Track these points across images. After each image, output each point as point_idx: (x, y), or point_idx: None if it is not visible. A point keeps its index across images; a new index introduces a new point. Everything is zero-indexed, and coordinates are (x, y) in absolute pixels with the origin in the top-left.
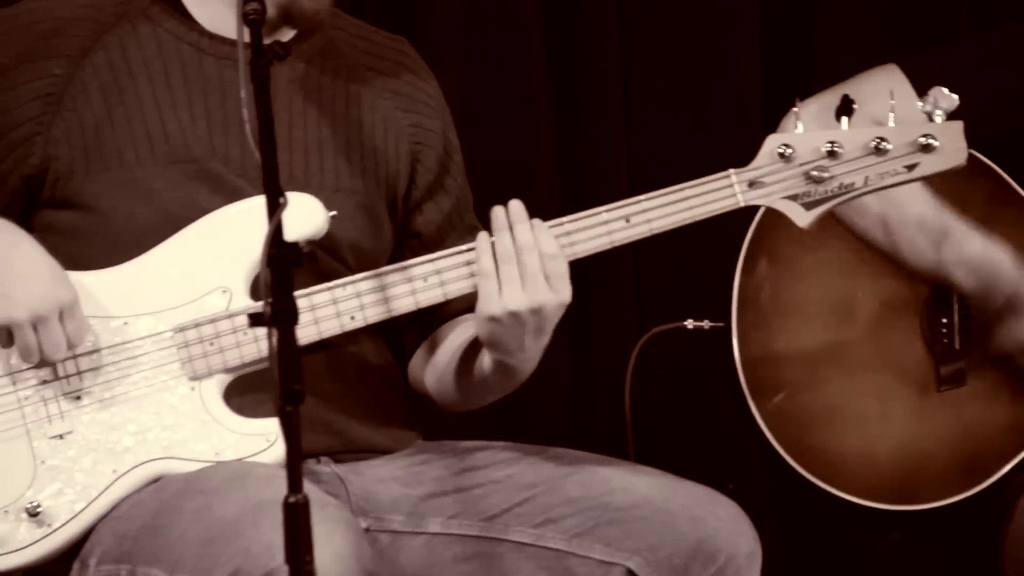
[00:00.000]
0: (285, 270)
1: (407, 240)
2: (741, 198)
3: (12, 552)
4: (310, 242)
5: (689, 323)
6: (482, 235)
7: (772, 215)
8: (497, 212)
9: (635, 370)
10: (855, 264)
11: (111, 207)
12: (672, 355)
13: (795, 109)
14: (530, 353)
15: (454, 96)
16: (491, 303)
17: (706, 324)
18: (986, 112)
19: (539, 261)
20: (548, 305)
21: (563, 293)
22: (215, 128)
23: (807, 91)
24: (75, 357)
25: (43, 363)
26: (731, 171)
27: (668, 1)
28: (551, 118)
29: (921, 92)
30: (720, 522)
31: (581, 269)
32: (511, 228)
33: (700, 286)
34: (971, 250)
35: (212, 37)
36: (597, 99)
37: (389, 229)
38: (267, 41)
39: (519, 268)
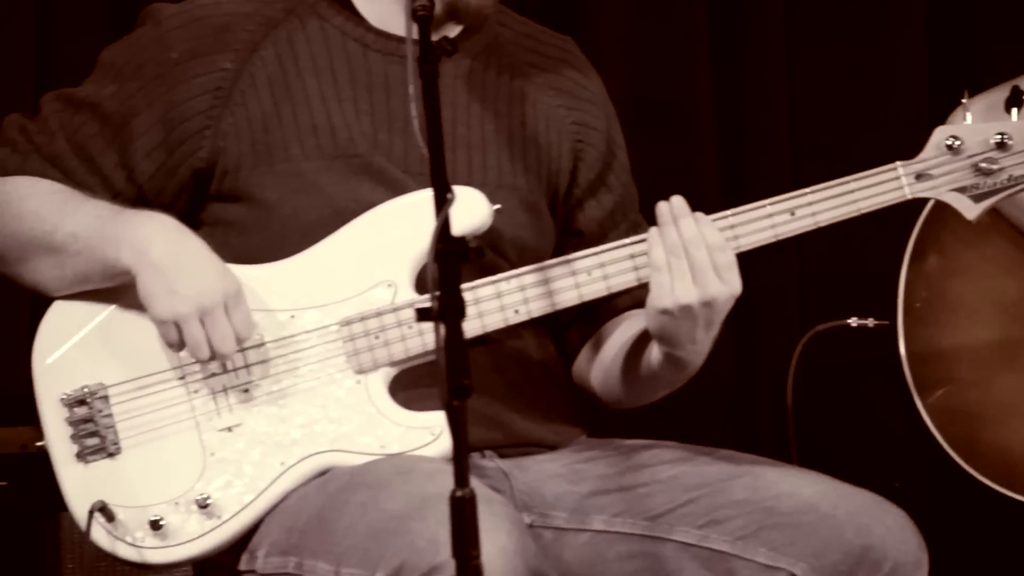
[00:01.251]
0: (453, 265)
1: (569, 238)
2: (908, 190)
3: (183, 543)
4: (477, 237)
5: (853, 321)
6: (652, 230)
7: (938, 211)
8: (661, 207)
9: (798, 368)
10: (1021, 262)
11: (277, 201)
12: (836, 353)
13: (963, 102)
14: (700, 345)
15: (618, 95)
16: (663, 296)
17: (870, 322)
18: None
19: (707, 254)
20: (719, 297)
21: (734, 284)
22: (379, 123)
23: (975, 85)
24: (243, 351)
25: (213, 357)
26: (898, 163)
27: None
28: (714, 114)
29: None
30: (887, 530)
31: (744, 264)
32: (675, 222)
33: (864, 283)
34: None
35: (378, 33)
36: (761, 94)
37: (551, 226)
38: (434, 38)
39: (688, 261)
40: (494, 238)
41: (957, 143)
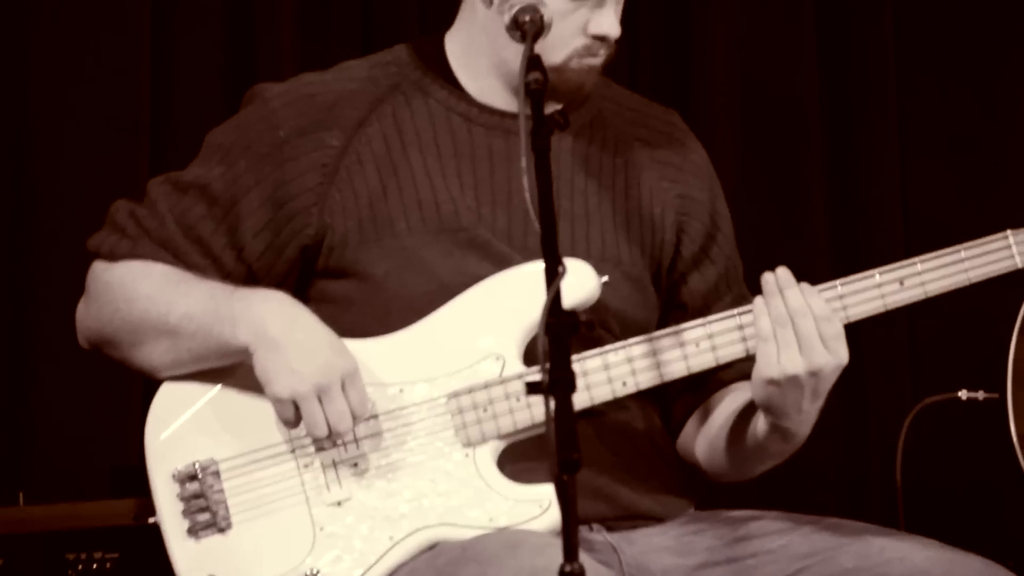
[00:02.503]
0: (563, 338)
1: (673, 311)
2: (1019, 260)
3: None
4: (587, 311)
5: (963, 394)
6: (758, 299)
7: None
8: (767, 278)
9: (907, 440)
10: None
11: (384, 275)
12: (946, 425)
13: None
14: (806, 415)
15: (730, 161)
16: (770, 367)
17: (980, 395)
18: None
19: (814, 324)
20: (826, 367)
21: (840, 354)
22: (483, 197)
23: None
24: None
25: (331, 435)
26: (1008, 231)
27: (947, 59)
28: (825, 183)
29: None
30: None
31: (854, 335)
32: (781, 292)
33: (976, 353)
34: None
35: (482, 108)
36: (873, 161)
37: (654, 299)
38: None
39: (795, 331)
40: (599, 310)
41: None
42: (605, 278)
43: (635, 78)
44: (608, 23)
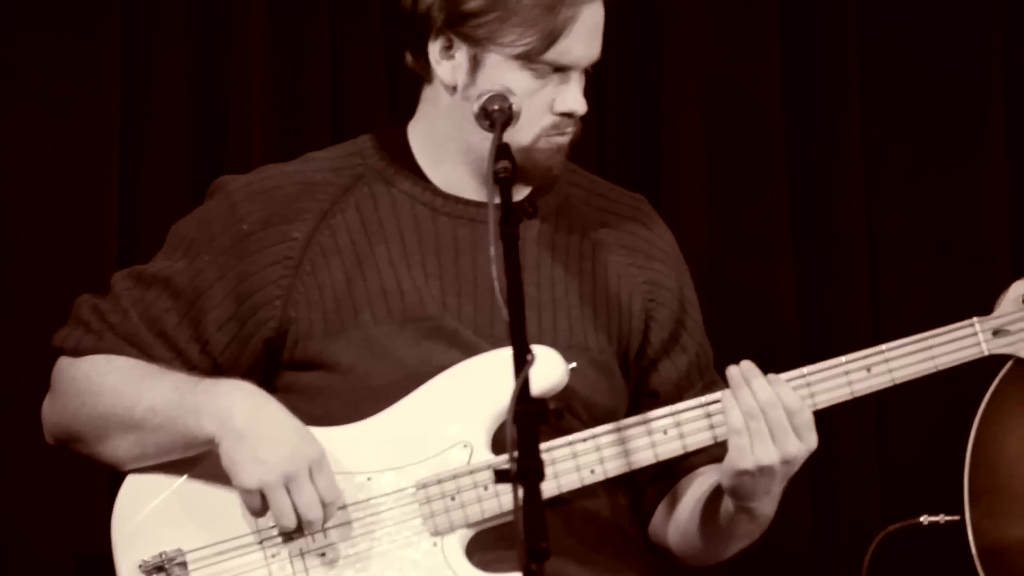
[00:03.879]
0: (531, 427)
1: (643, 399)
2: (986, 347)
3: None
4: (555, 399)
5: (924, 519)
6: (725, 393)
7: (1010, 382)
8: (732, 371)
9: (871, 569)
10: None
11: (350, 366)
12: (911, 551)
13: None
14: (774, 496)
15: (699, 247)
16: (744, 459)
17: (942, 519)
18: None
19: (784, 415)
20: (799, 456)
21: (811, 441)
22: (448, 286)
23: None
24: None
25: (300, 524)
26: (975, 319)
27: (911, 150)
28: (793, 270)
29: None
30: None
31: (825, 456)
32: (748, 385)
33: (939, 475)
34: None
35: (446, 197)
36: (840, 245)
37: (622, 385)
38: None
39: (766, 423)
40: (566, 397)
41: None
42: (573, 365)
43: (603, 158)
44: (574, 99)
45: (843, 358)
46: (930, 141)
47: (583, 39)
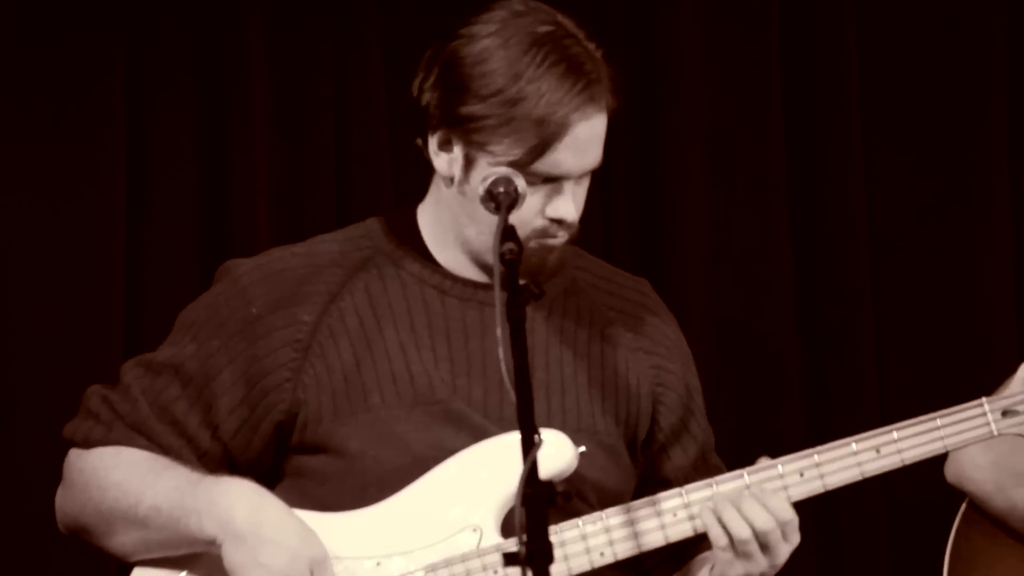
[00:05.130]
0: (540, 510)
1: (656, 487)
2: (995, 427)
3: None
4: (563, 482)
5: None
6: (710, 516)
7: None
8: (718, 499)
9: None
10: None
11: (359, 450)
12: None
13: None
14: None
15: (697, 331)
16: (733, 569)
17: None
18: None
19: (780, 533)
20: (786, 555)
21: (796, 540)
22: (458, 369)
23: None
24: None
25: None
26: (984, 399)
27: (919, 230)
28: (799, 352)
29: None
30: None
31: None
32: (739, 509)
33: None
34: None
35: (455, 279)
36: (848, 327)
37: (630, 468)
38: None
39: (759, 544)
40: (575, 480)
41: None
42: (582, 448)
43: (609, 246)
44: (565, 208)
45: (852, 439)
46: (935, 225)
47: (575, 152)
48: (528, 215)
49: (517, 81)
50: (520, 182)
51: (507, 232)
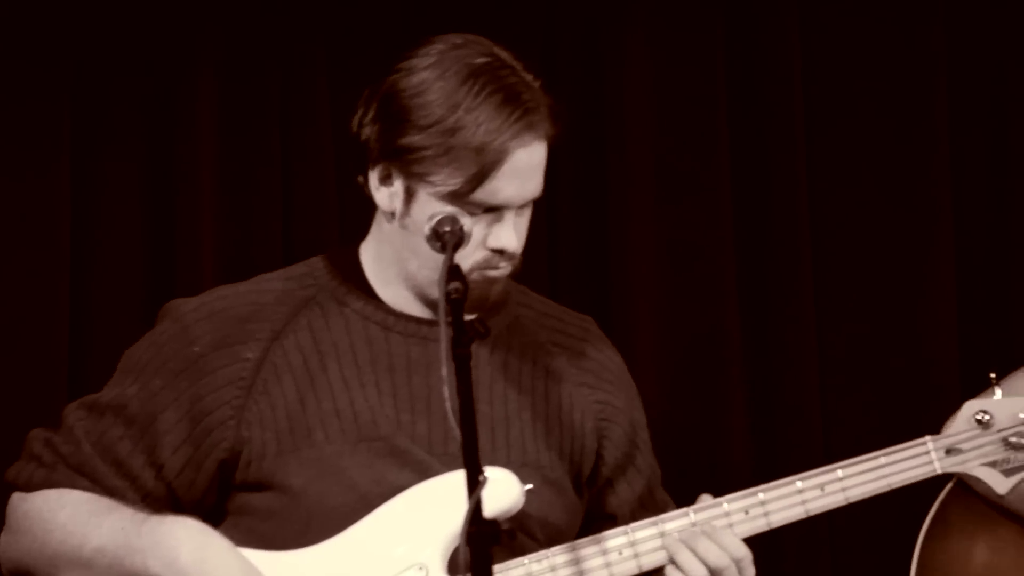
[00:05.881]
0: (485, 548)
1: (602, 522)
2: (938, 465)
3: None
4: (510, 519)
5: None
6: (672, 551)
7: (952, 502)
8: (670, 539)
9: None
10: None
11: (303, 487)
12: None
13: (992, 375)
14: None
15: (651, 366)
16: None
17: None
18: None
19: (736, 570)
20: None
21: (749, 573)
22: (402, 405)
23: (1005, 358)
24: None
25: None
26: (928, 438)
27: (863, 268)
28: (746, 383)
29: None
30: None
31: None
32: (693, 550)
33: None
34: None
35: (398, 316)
36: (792, 364)
37: (576, 504)
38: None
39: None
40: (521, 517)
41: (986, 417)
42: (529, 486)
43: (555, 280)
44: (507, 238)
45: (797, 478)
46: (878, 267)
47: (514, 181)
48: (469, 247)
49: (455, 111)
50: (466, 221)
51: (453, 271)
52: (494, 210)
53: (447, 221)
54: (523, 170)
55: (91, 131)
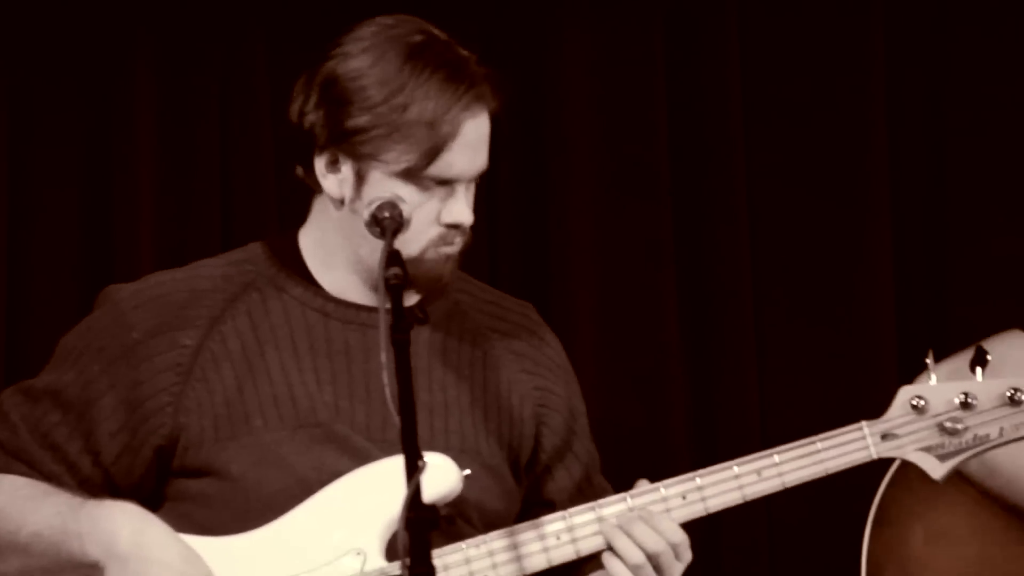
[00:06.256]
0: (423, 533)
1: (540, 508)
2: (874, 450)
3: None
4: (448, 505)
5: None
6: (609, 541)
7: (897, 485)
8: (607, 524)
9: None
10: (987, 527)
11: (241, 473)
12: None
13: (928, 360)
14: None
15: (589, 355)
16: None
17: None
18: None
19: (672, 554)
20: (678, 574)
21: (688, 557)
22: (340, 391)
23: (941, 346)
24: None
25: None
26: (863, 423)
27: (801, 258)
28: (685, 374)
29: None
30: None
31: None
32: (629, 534)
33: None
34: None
35: (338, 302)
36: (731, 349)
37: (514, 489)
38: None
39: (654, 567)
40: (458, 503)
41: (922, 403)
42: (467, 472)
43: (495, 269)
44: (460, 211)
45: (733, 463)
46: (816, 256)
47: (466, 153)
48: (423, 224)
49: (402, 89)
50: (405, 207)
51: (392, 257)
52: (446, 184)
53: (386, 207)
54: (474, 142)
55: (28, 122)
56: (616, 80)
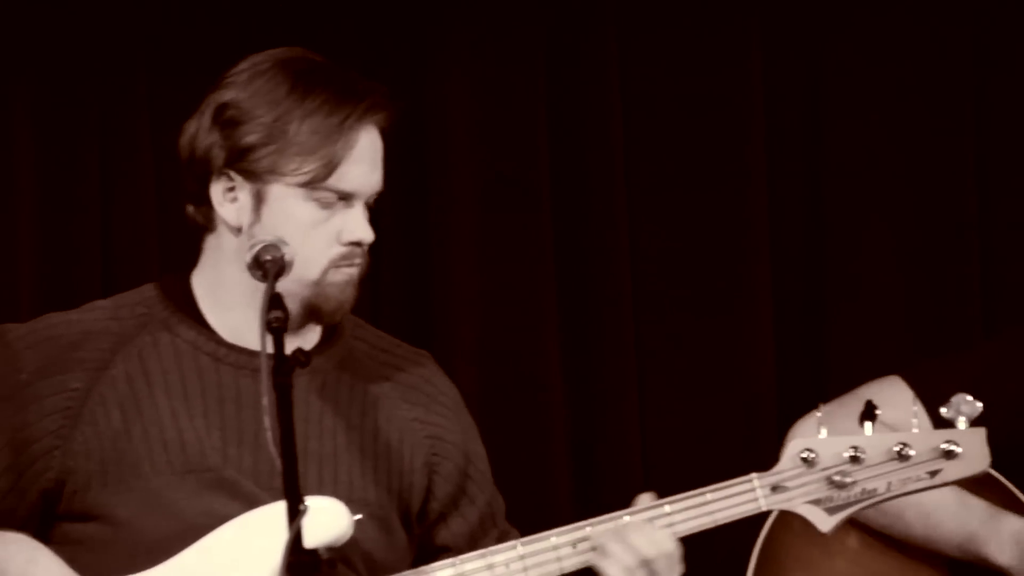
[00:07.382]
0: None
1: (435, 556)
2: (764, 502)
3: None
4: (330, 549)
5: None
6: (602, 544)
7: (781, 523)
8: (599, 529)
9: None
10: (867, 555)
11: (128, 518)
12: None
13: (818, 414)
14: None
15: (472, 401)
16: None
17: None
18: (994, 420)
19: (667, 562)
20: None
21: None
22: (230, 437)
23: (821, 394)
24: None
25: None
26: (754, 475)
27: (683, 297)
28: (568, 421)
29: (926, 401)
30: None
31: None
32: (625, 540)
33: None
34: (1008, 525)
35: (230, 347)
36: (613, 396)
37: (404, 541)
38: (290, 347)
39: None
40: (344, 550)
41: (812, 456)
42: (358, 516)
43: (376, 300)
44: (361, 228)
45: (625, 512)
46: (697, 281)
47: (363, 166)
48: (323, 244)
49: (296, 106)
50: (287, 249)
51: (274, 300)
52: (345, 199)
53: (269, 249)
54: (370, 155)
55: None
56: (498, 103)
